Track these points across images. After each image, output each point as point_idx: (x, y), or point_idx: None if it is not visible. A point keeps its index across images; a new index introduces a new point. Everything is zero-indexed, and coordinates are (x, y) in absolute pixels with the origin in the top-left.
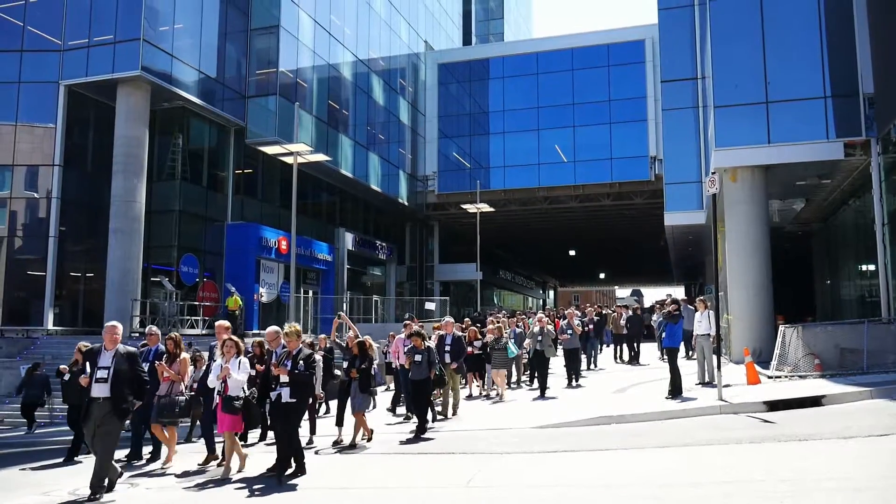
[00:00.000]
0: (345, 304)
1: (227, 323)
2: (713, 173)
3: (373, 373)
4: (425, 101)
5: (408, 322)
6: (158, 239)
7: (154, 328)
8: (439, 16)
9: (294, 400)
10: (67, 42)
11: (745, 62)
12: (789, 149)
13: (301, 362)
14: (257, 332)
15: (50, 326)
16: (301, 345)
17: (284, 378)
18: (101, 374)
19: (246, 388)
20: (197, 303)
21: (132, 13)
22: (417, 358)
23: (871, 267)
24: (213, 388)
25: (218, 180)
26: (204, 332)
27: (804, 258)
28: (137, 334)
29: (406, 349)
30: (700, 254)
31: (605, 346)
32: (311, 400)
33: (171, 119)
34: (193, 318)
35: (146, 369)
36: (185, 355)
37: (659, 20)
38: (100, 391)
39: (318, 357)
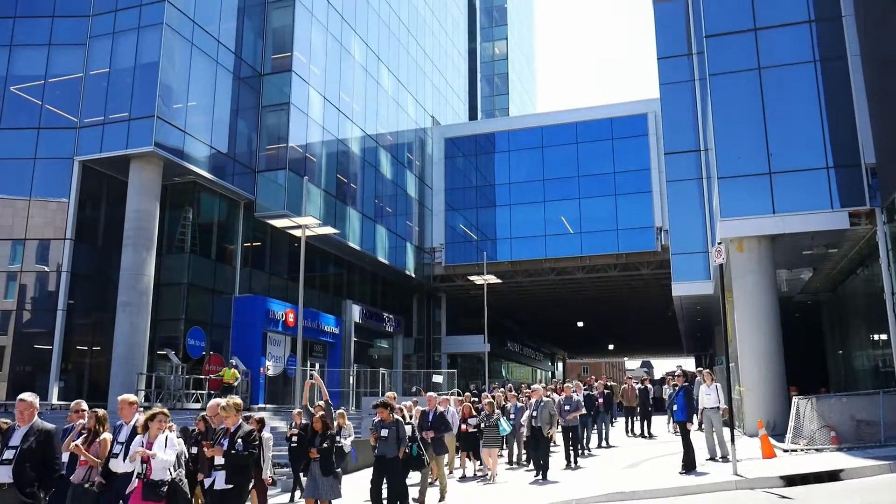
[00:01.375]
0: (351, 378)
1: (131, 397)
2: (719, 244)
3: (348, 450)
4: (432, 174)
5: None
6: (166, 312)
7: (82, 403)
8: (445, 92)
9: (230, 486)
10: (83, 119)
11: (747, 134)
12: (794, 218)
13: (240, 441)
14: (262, 406)
15: (54, 401)
16: (241, 420)
17: (219, 460)
18: (7, 454)
19: (173, 469)
20: (202, 376)
21: (148, 91)
22: (384, 433)
23: (884, 336)
24: (122, 472)
25: (227, 253)
26: None
27: (815, 328)
28: (142, 409)
29: (372, 423)
30: (709, 324)
31: (615, 420)
32: (251, 485)
33: (182, 193)
34: (199, 392)
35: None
36: (106, 435)
37: (660, 94)
38: (2, 476)
39: (267, 435)
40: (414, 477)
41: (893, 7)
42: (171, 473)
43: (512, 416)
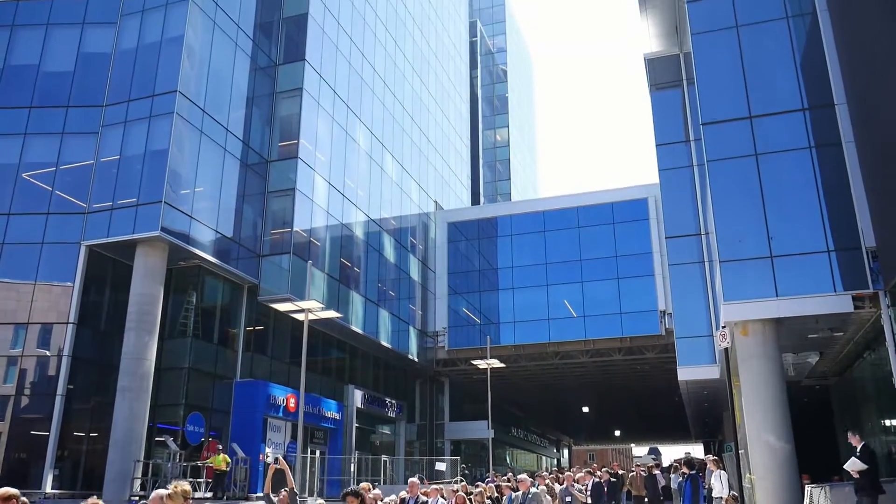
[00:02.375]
0: (352, 465)
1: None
2: (723, 327)
3: None
4: (435, 258)
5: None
6: (166, 397)
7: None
8: (448, 177)
9: None
10: (92, 205)
11: (747, 218)
12: (797, 302)
13: None
14: (260, 494)
15: (48, 489)
16: None
17: None
18: None
19: None
20: (200, 463)
21: (156, 178)
22: None
23: (895, 422)
24: None
25: (229, 337)
26: (206, 494)
27: (825, 413)
28: (137, 497)
29: None
30: (717, 409)
31: None
32: None
33: (186, 277)
34: (196, 479)
35: None
36: None
37: (660, 180)
38: None
39: None
40: None
41: (886, 96)
42: None
43: None
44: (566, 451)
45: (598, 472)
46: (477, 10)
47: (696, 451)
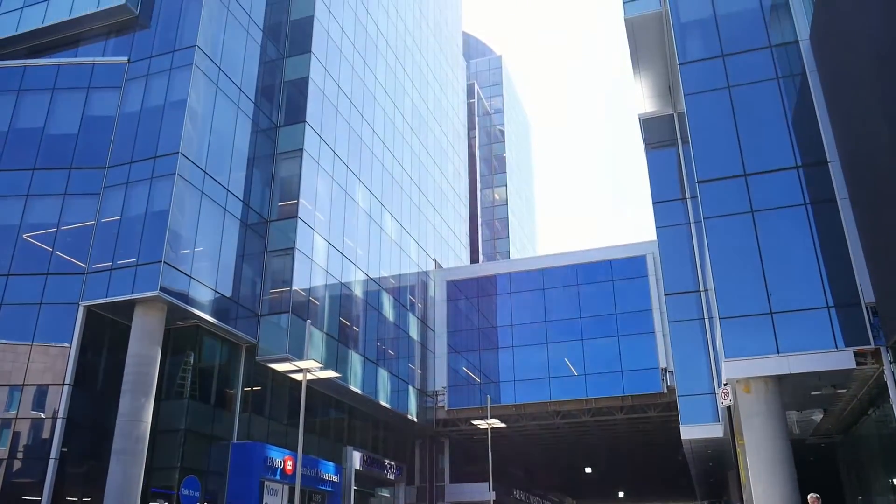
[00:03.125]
0: None
1: None
2: (725, 385)
3: None
4: (434, 316)
5: None
6: (161, 460)
7: None
8: (447, 236)
9: None
10: (92, 265)
11: (745, 275)
12: (799, 358)
13: None
14: None
15: None
16: None
17: None
18: None
19: None
20: None
21: (156, 238)
22: None
23: None
24: None
25: (226, 398)
26: None
27: (831, 472)
28: None
29: None
30: (722, 468)
31: None
32: None
33: (184, 337)
34: None
35: None
36: None
37: (657, 237)
38: None
39: None
40: None
41: (877, 154)
42: None
43: None
44: None
45: None
46: (474, 73)
47: None
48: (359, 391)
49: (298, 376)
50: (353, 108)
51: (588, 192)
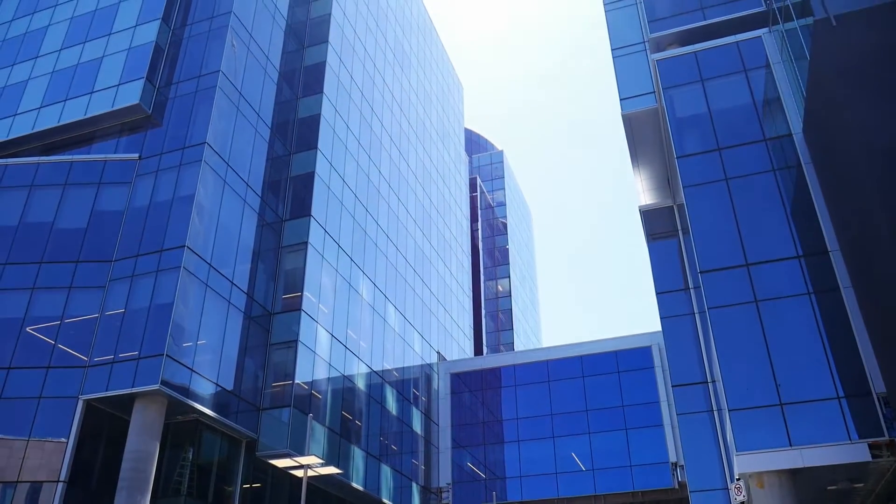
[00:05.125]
0: None
1: None
2: (738, 479)
3: None
4: (438, 410)
5: None
6: None
7: None
8: (451, 328)
9: None
10: (93, 358)
11: (753, 365)
12: (812, 451)
13: None
14: None
15: None
16: None
17: None
18: None
19: None
20: None
21: (159, 331)
22: None
23: None
24: None
25: (224, 496)
26: None
27: None
28: None
29: None
30: None
31: None
32: None
33: (183, 432)
34: None
35: None
36: None
37: (662, 328)
38: None
39: None
40: None
41: (877, 244)
42: None
43: None
44: None
45: None
46: (476, 168)
47: None
48: (360, 488)
49: (299, 473)
50: (358, 202)
51: (591, 281)
